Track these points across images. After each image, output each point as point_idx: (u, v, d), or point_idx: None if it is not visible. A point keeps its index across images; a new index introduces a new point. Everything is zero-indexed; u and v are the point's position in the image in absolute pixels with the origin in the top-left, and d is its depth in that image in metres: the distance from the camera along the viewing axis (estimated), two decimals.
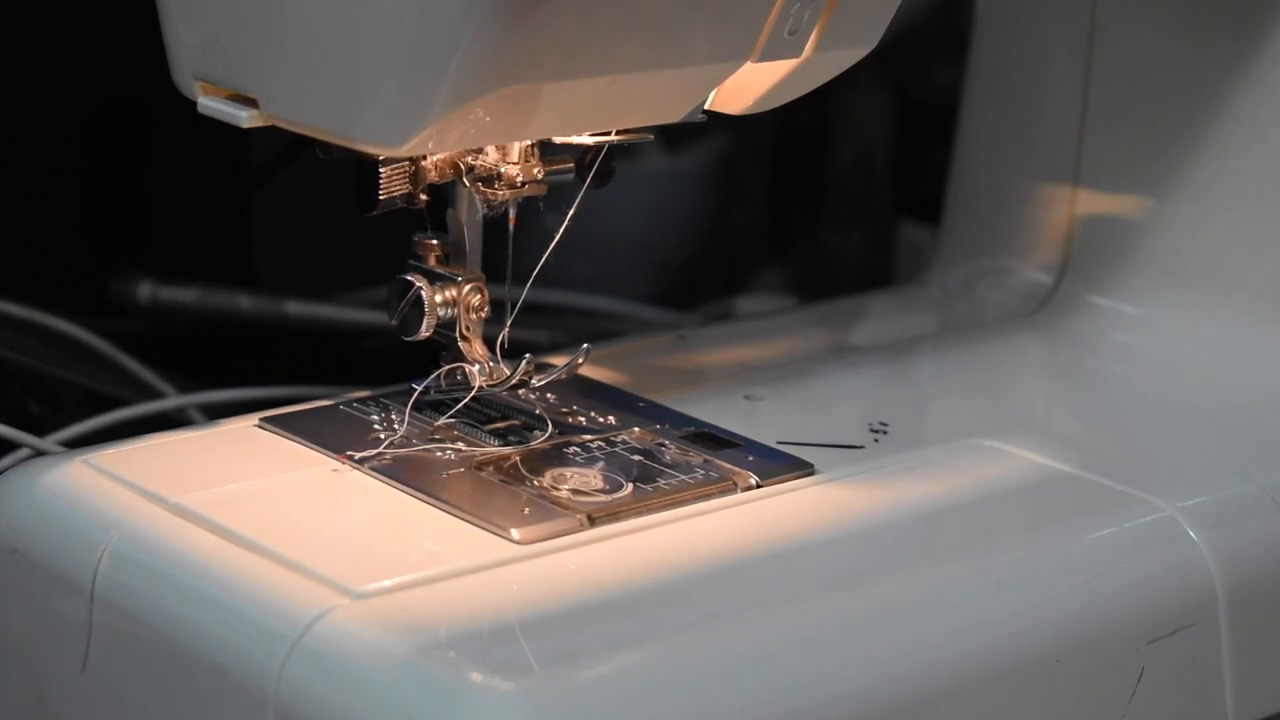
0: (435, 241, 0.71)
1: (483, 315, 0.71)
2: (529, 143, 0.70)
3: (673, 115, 0.69)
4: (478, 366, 0.71)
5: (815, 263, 1.18)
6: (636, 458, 0.70)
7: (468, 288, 0.70)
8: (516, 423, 0.72)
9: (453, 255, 0.71)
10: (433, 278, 0.70)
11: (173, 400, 0.89)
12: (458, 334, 0.71)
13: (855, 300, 0.95)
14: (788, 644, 0.61)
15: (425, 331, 0.70)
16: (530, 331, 0.97)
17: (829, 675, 0.61)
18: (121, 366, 0.93)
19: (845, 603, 0.63)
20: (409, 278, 0.70)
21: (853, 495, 0.70)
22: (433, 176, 0.69)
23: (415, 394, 0.72)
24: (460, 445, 0.70)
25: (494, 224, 0.71)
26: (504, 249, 0.72)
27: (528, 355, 0.71)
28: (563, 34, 0.60)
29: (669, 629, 0.61)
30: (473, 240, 0.71)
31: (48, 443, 0.76)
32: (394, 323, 0.70)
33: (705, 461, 0.71)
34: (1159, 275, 0.86)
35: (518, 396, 0.73)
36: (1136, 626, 0.67)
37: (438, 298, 0.70)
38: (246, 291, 1.00)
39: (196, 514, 0.63)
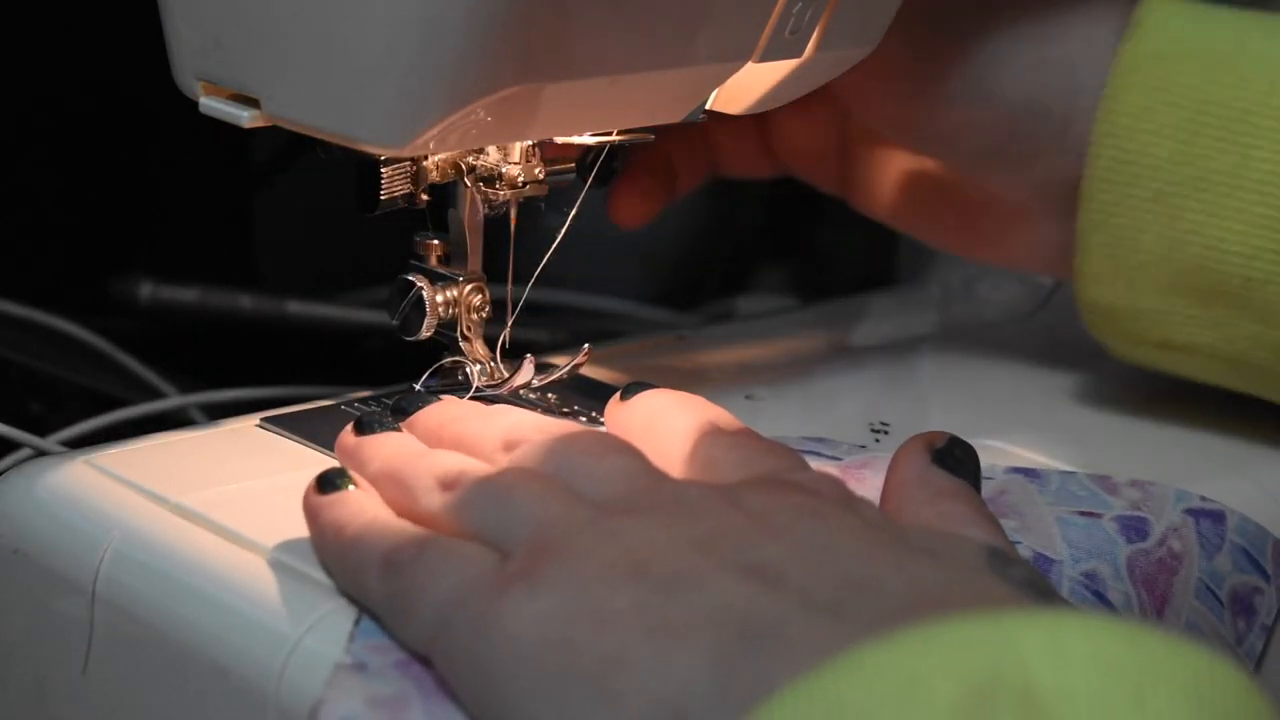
0: (436, 241, 0.71)
1: (484, 315, 0.71)
2: (530, 143, 0.70)
3: (674, 115, 0.69)
4: (479, 367, 0.71)
5: (815, 263, 1.18)
6: None
7: (469, 288, 0.70)
8: None
9: (454, 255, 0.71)
10: (434, 278, 0.70)
11: (174, 400, 0.89)
12: (459, 334, 0.71)
13: (855, 300, 0.95)
14: None
15: (426, 331, 0.70)
16: (530, 331, 0.97)
17: None
18: (122, 366, 0.93)
19: None
20: (410, 278, 0.70)
21: None
22: (434, 177, 0.69)
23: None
24: None
25: (495, 224, 0.71)
26: (505, 249, 0.72)
27: (528, 355, 0.71)
28: (564, 34, 0.60)
29: None
30: (474, 240, 0.71)
31: (49, 443, 0.76)
32: (395, 323, 0.70)
33: None
34: None
35: (519, 396, 0.73)
36: None
37: (439, 298, 0.70)
38: (248, 291, 1.00)
39: (198, 514, 0.63)
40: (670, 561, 0.53)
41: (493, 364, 0.71)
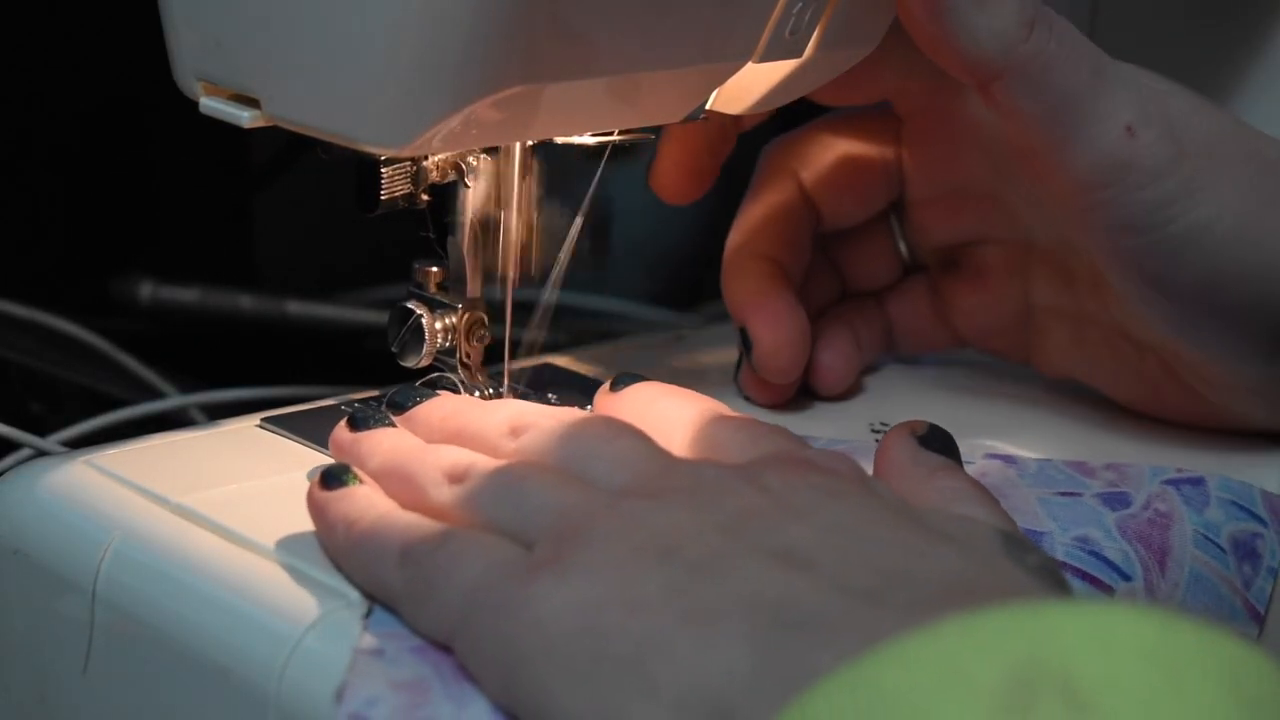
0: (435, 269, 0.71)
1: (483, 343, 0.71)
2: (530, 143, 0.70)
3: (674, 115, 0.69)
4: (476, 393, 0.71)
5: None
6: None
7: (467, 315, 0.70)
8: None
9: (453, 283, 0.71)
10: (433, 305, 0.70)
11: (174, 400, 0.89)
12: (458, 361, 0.71)
13: None
14: None
15: (425, 359, 0.70)
16: (530, 331, 0.97)
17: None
18: (123, 366, 0.93)
19: None
20: (409, 305, 0.70)
21: None
22: (434, 177, 0.69)
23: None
24: None
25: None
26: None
27: (552, 395, 0.72)
28: (565, 35, 0.60)
29: None
30: (473, 267, 0.71)
31: (49, 443, 0.76)
32: (394, 349, 0.71)
33: None
34: None
35: (518, 398, 0.73)
36: None
37: (437, 325, 0.70)
38: (248, 291, 1.00)
39: (199, 514, 0.63)
40: (698, 545, 0.53)
41: (490, 392, 0.71)
